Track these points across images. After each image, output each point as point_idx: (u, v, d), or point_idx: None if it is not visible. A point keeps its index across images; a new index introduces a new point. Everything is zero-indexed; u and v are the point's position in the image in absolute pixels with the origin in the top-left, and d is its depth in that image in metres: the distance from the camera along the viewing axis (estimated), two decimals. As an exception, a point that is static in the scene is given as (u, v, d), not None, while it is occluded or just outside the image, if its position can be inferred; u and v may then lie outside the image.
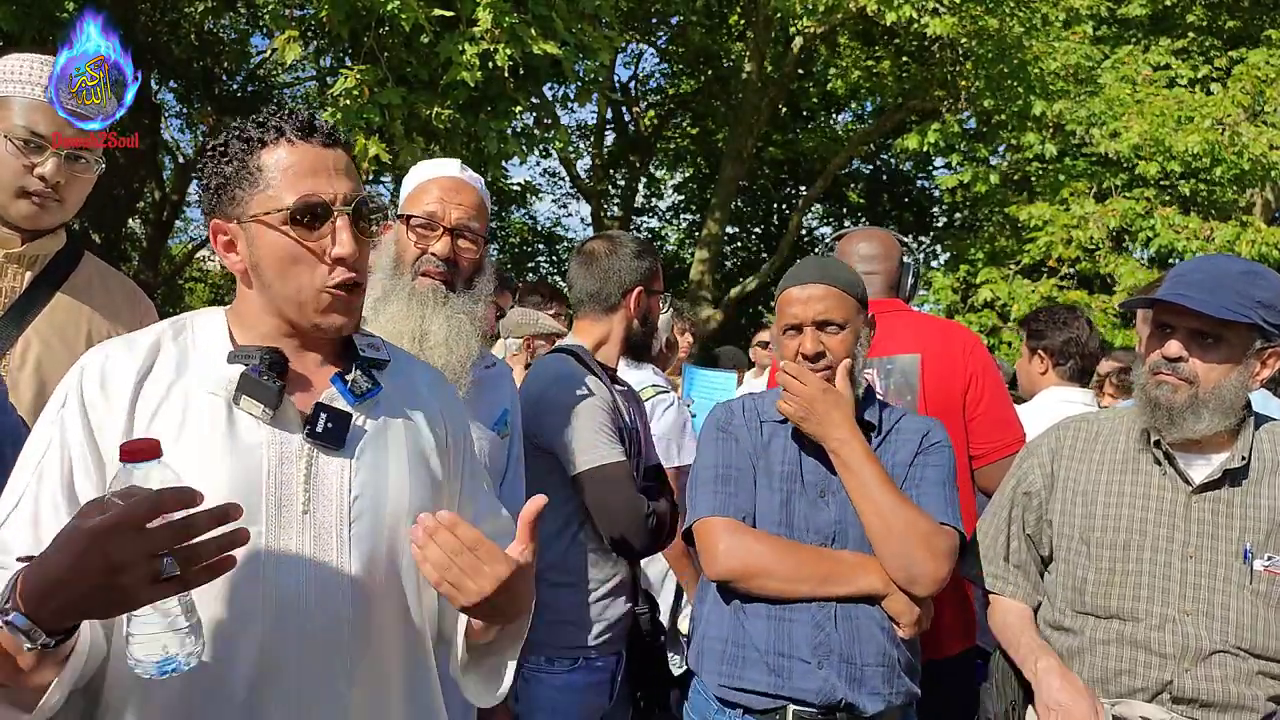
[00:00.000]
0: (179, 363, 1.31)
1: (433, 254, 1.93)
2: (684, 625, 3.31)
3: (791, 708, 1.87)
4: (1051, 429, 2.11)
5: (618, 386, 2.38)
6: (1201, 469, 1.89)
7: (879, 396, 2.17)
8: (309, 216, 1.29)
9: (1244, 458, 1.86)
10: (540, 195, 18.15)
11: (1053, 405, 3.38)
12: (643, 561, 2.78)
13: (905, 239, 2.87)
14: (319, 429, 1.30)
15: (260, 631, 1.25)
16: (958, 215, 16.29)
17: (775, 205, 18.77)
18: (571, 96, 8.66)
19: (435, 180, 2.00)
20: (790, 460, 2.00)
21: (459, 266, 1.95)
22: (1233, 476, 1.86)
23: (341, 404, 1.34)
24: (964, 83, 11.09)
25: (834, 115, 16.63)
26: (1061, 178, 10.52)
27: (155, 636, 1.07)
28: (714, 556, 1.92)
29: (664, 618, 3.02)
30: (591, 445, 2.16)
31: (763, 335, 6.39)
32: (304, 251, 1.30)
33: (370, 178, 7.71)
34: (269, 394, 1.28)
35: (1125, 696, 1.86)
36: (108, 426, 1.26)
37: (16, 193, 1.85)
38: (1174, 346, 1.85)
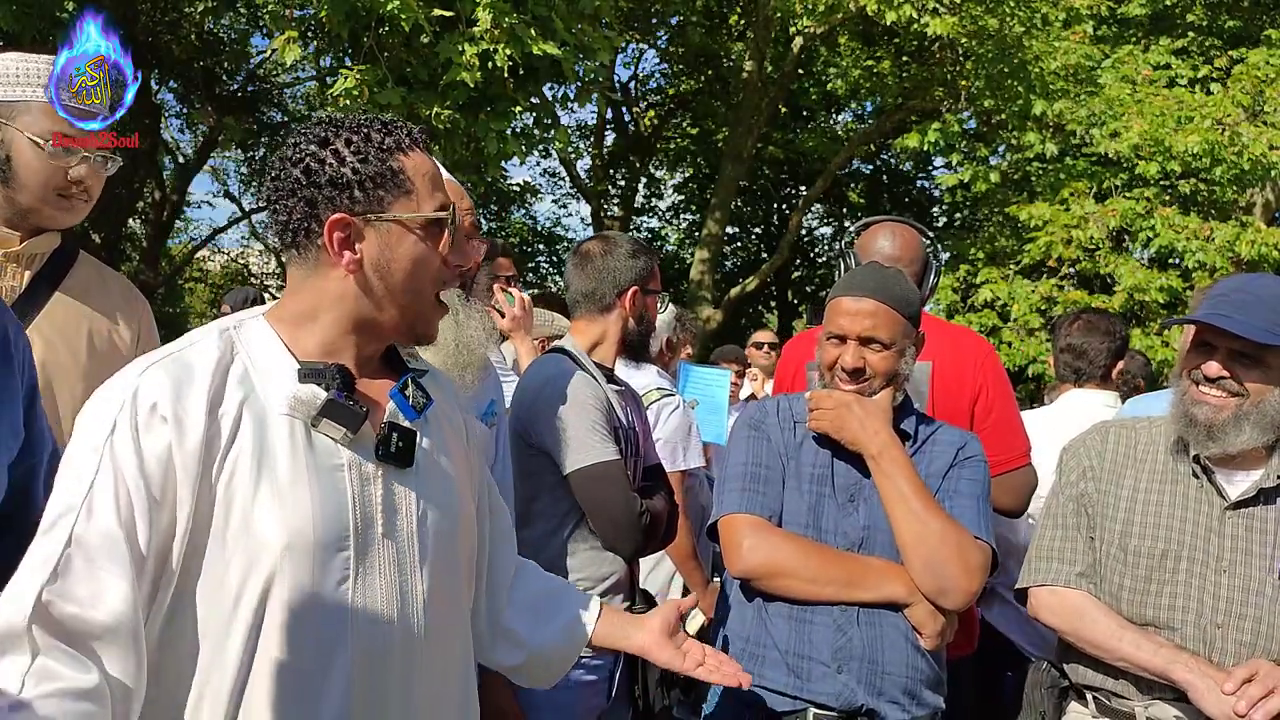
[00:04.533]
0: (242, 381, 1.26)
1: None
2: (691, 627, 3.31)
3: (812, 710, 1.85)
4: (1092, 432, 2.09)
5: (614, 386, 2.37)
6: (1238, 484, 1.89)
7: None
8: (444, 224, 1.34)
9: (1279, 476, 1.86)
10: (540, 195, 18.21)
11: (1074, 408, 3.39)
12: (647, 564, 2.78)
13: (930, 233, 2.74)
14: (392, 449, 1.32)
15: (349, 657, 1.26)
16: (958, 215, 16.30)
17: (775, 205, 18.77)
18: (571, 96, 8.64)
19: None
20: (821, 464, 1.97)
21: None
22: (1267, 494, 1.86)
23: (403, 420, 1.35)
24: (964, 83, 11.10)
25: (834, 115, 16.63)
26: (1061, 177, 10.49)
27: None
28: (738, 554, 1.90)
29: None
30: (584, 444, 2.16)
31: (759, 336, 6.31)
32: (436, 257, 1.34)
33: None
34: (354, 418, 1.27)
35: (1158, 699, 1.88)
36: (173, 461, 1.19)
37: (49, 195, 1.86)
38: (1214, 367, 1.84)
